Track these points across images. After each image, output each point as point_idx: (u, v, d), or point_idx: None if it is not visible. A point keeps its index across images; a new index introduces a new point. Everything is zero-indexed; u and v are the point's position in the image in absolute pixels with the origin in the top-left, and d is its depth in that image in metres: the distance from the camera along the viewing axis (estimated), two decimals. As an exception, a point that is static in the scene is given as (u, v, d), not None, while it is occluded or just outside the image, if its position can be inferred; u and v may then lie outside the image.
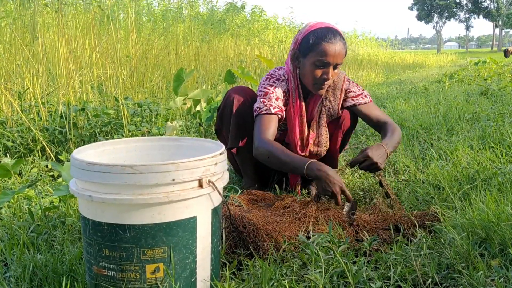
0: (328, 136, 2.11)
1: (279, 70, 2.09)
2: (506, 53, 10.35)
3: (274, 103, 1.98)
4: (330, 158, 2.15)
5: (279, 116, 2.00)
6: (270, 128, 1.93)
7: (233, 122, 2.06)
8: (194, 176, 1.11)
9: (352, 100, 2.09)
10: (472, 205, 1.70)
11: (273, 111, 1.96)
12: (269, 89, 2.01)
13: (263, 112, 1.96)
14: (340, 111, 2.10)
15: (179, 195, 1.09)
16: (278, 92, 2.01)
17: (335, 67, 1.92)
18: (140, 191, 1.07)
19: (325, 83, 1.94)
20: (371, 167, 1.79)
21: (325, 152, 2.12)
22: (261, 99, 2.00)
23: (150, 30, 6.75)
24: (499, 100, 4.72)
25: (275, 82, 2.04)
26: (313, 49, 1.89)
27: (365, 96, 2.11)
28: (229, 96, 2.09)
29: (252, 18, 9.78)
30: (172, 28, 6.98)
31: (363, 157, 1.79)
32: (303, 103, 2.05)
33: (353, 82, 2.14)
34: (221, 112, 2.14)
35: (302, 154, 2.06)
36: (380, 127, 2.07)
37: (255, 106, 2.00)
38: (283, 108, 2.02)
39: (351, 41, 16.57)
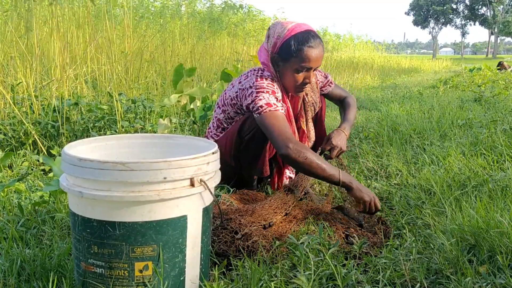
0: (314, 130, 2.19)
1: (263, 71, 1.96)
2: (500, 67, 10.64)
3: (281, 103, 1.88)
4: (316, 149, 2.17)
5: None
6: (290, 128, 1.81)
7: (268, 150, 1.98)
8: (186, 175, 1.11)
9: (323, 89, 2.28)
10: (462, 211, 1.71)
11: (282, 111, 1.85)
12: (273, 88, 1.88)
13: (278, 109, 1.81)
14: (320, 102, 2.21)
15: (170, 193, 1.08)
16: (278, 93, 1.91)
17: (315, 69, 1.93)
18: (131, 189, 1.06)
19: (306, 86, 1.95)
20: (339, 153, 2.04)
21: (311, 146, 2.20)
22: (271, 96, 1.84)
23: (147, 26, 6.72)
24: (492, 107, 4.75)
25: (273, 81, 1.91)
26: (295, 55, 1.85)
27: (331, 82, 2.29)
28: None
29: (248, 17, 9.77)
30: (169, 25, 6.96)
31: (329, 145, 2.03)
32: (289, 105, 2.03)
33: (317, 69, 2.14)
34: (249, 139, 1.94)
35: None
36: (341, 103, 2.33)
37: (265, 101, 1.81)
38: None
39: (346, 44, 16.61)
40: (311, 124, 2.16)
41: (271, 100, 1.83)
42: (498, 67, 12.29)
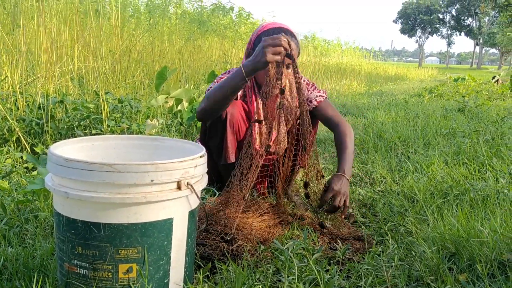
0: (286, 134, 2.06)
1: (234, 68, 2.06)
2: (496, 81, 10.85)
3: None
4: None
5: None
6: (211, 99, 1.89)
7: (229, 135, 2.00)
8: (173, 177, 1.11)
9: (310, 102, 2.11)
10: (444, 219, 1.74)
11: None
12: (224, 76, 2.00)
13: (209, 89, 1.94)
14: (297, 110, 2.06)
15: (156, 196, 1.08)
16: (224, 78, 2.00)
17: (288, 67, 1.91)
18: (117, 190, 1.06)
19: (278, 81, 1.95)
20: (343, 199, 1.81)
21: (283, 151, 2.03)
22: (215, 81, 1.99)
23: (135, 25, 6.68)
24: (475, 117, 4.84)
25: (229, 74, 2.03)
26: None
27: (321, 96, 2.13)
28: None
29: (239, 20, 9.79)
30: (157, 25, 6.94)
31: (331, 192, 1.80)
32: (259, 102, 2.04)
33: (309, 82, 2.14)
34: (210, 124, 2.00)
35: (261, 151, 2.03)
36: (334, 131, 2.08)
37: (208, 88, 1.98)
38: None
39: (335, 50, 16.73)
40: (282, 127, 2.11)
41: (212, 84, 1.98)
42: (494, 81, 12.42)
